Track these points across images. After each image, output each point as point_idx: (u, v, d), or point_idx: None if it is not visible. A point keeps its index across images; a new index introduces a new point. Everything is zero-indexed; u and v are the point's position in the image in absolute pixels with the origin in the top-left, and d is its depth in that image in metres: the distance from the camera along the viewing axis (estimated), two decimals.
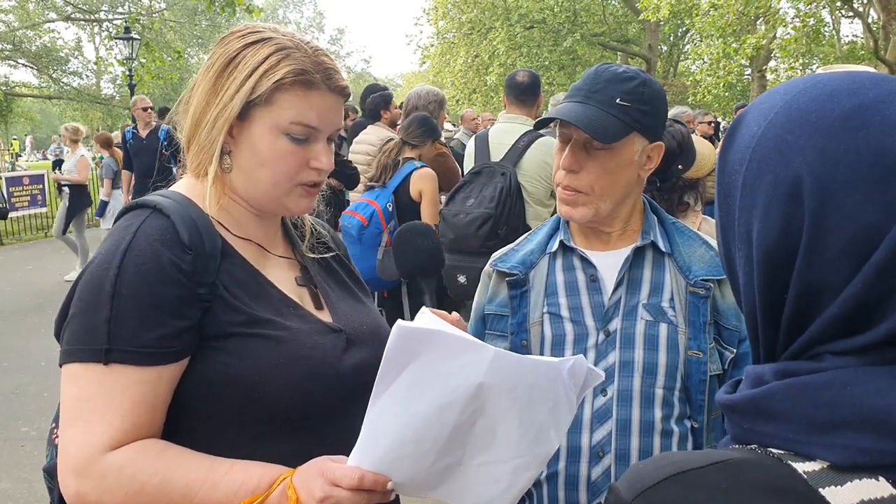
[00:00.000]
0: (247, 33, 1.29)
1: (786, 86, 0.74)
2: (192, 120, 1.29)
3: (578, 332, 1.61)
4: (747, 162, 0.72)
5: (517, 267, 1.70)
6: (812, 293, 0.67)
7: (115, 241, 1.20)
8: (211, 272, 1.22)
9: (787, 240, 0.67)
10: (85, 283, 1.18)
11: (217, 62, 1.27)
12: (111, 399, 1.14)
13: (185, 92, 1.35)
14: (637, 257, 1.63)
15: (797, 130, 0.68)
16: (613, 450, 1.55)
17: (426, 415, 1.07)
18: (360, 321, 1.41)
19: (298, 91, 1.25)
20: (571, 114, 1.54)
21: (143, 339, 1.15)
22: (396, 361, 1.06)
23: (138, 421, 1.16)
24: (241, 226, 1.33)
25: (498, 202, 3.72)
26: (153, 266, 1.17)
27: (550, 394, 1.11)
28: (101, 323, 1.14)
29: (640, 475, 0.68)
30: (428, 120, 4.44)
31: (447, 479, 1.14)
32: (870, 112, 0.66)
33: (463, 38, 27.54)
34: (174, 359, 1.18)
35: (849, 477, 0.62)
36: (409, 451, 1.09)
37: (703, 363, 1.56)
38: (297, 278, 1.40)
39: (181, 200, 1.27)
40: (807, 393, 0.65)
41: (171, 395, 1.20)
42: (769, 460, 0.65)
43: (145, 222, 1.21)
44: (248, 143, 1.27)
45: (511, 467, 1.14)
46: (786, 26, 18.45)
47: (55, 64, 28.22)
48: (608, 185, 1.58)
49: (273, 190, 1.29)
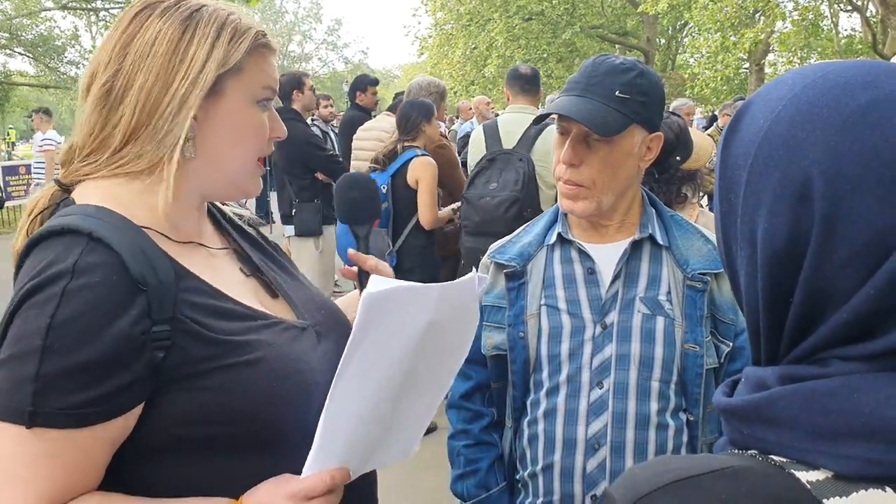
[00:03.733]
0: (172, 5, 1.15)
1: (794, 76, 0.70)
2: (141, 107, 1.11)
3: (575, 324, 1.61)
4: (752, 157, 0.67)
5: (515, 259, 1.70)
6: (819, 298, 0.64)
7: (48, 280, 1.00)
8: (167, 307, 1.06)
9: (794, 242, 0.64)
10: (16, 326, 1.00)
11: (160, 40, 1.12)
12: (38, 465, 0.99)
13: (79, 84, 1.18)
14: (635, 250, 1.63)
15: (807, 126, 0.64)
16: (609, 442, 1.56)
17: (383, 378, 1.08)
18: (316, 307, 1.32)
19: (261, 53, 1.19)
20: (571, 108, 1.53)
21: (74, 399, 0.99)
22: (364, 331, 1.03)
23: (68, 487, 1.02)
24: (178, 227, 1.17)
25: (522, 185, 3.82)
26: (93, 318, 0.99)
27: (464, 314, 1.15)
28: (26, 381, 0.97)
29: (636, 482, 0.65)
30: (411, 108, 4.41)
31: (381, 443, 1.16)
32: (886, 107, 0.62)
33: (461, 29, 27.45)
34: (113, 416, 1.03)
35: (854, 487, 0.59)
36: (363, 431, 1.10)
37: (699, 356, 1.57)
38: (242, 269, 1.29)
39: (112, 219, 1.08)
40: (813, 400, 0.62)
41: (110, 451, 1.06)
42: (771, 469, 0.63)
43: (82, 258, 1.01)
44: (220, 119, 1.15)
45: (427, 399, 1.17)
46: (784, 20, 18.42)
47: (52, 53, 28.08)
48: (609, 178, 1.57)
49: (241, 170, 1.20)
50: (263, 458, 1.14)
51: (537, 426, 1.63)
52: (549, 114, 1.62)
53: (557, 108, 1.56)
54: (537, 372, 1.64)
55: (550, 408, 1.61)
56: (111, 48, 1.14)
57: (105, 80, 1.13)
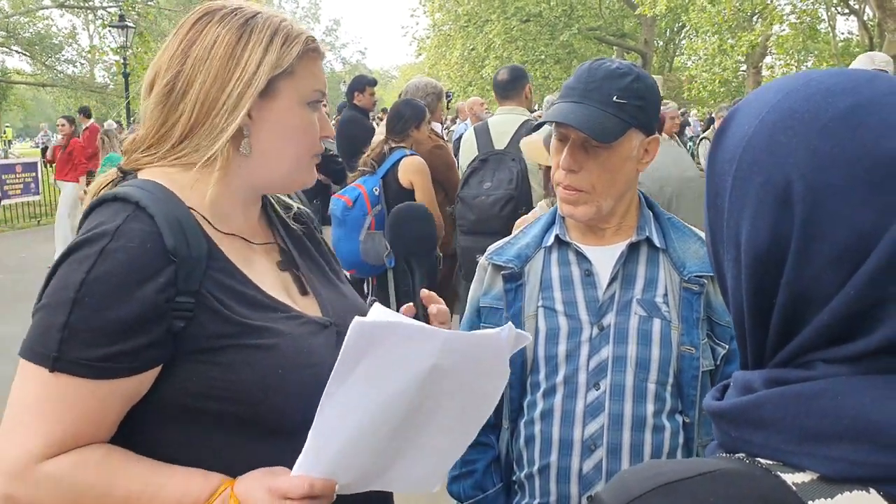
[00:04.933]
0: (233, 11, 1.23)
1: (778, 83, 0.71)
2: (199, 105, 1.20)
3: (572, 326, 1.62)
4: (737, 162, 0.69)
5: (513, 260, 1.70)
6: (801, 300, 0.65)
7: (92, 238, 1.10)
8: (195, 280, 1.14)
9: (776, 245, 0.65)
10: (56, 276, 1.11)
11: (219, 44, 1.20)
12: (53, 408, 1.08)
13: (143, 83, 1.27)
14: (632, 253, 1.64)
15: (789, 131, 0.65)
16: (605, 443, 1.56)
17: (380, 407, 1.07)
18: (344, 309, 1.36)
19: (311, 58, 1.26)
20: (569, 115, 1.54)
21: (94, 353, 1.07)
22: (354, 356, 1.05)
23: (78, 433, 1.10)
24: (226, 219, 1.26)
25: (517, 184, 3.86)
26: (123, 279, 1.08)
27: (489, 364, 1.13)
28: (56, 328, 1.07)
29: (625, 485, 0.66)
30: (405, 107, 4.39)
31: (388, 468, 1.15)
32: (866, 112, 0.63)
33: (459, 30, 27.49)
34: (128, 374, 1.10)
35: (839, 489, 0.60)
36: (359, 449, 1.10)
37: (695, 359, 1.57)
38: (279, 263, 1.35)
39: (161, 194, 1.17)
40: (798, 402, 0.63)
41: (124, 408, 1.14)
42: (758, 471, 0.63)
43: (126, 224, 1.11)
44: (273, 119, 1.23)
45: (448, 441, 1.16)
46: (782, 23, 18.47)
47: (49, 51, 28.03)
48: (609, 182, 1.58)
49: (295, 166, 1.27)
50: (265, 442, 1.19)
51: (534, 427, 1.63)
52: (549, 121, 1.62)
53: (556, 115, 1.56)
54: (534, 373, 1.65)
55: (547, 409, 1.61)
56: (172, 51, 1.23)
57: (167, 81, 1.22)
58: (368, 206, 4.12)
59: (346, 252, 4.13)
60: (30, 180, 13.96)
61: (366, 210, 4.12)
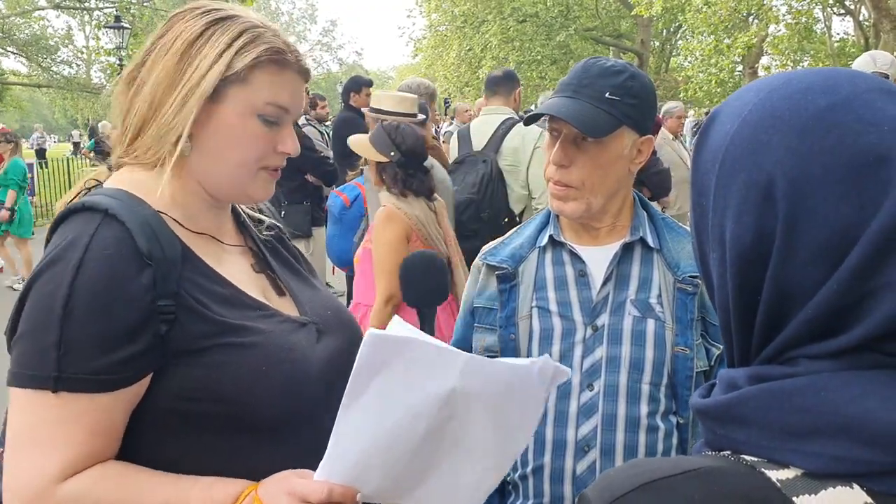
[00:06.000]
0: (209, 10, 1.21)
1: (759, 83, 0.73)
2: (148, 103, 1.18)
3: (566, 326, 1.61)
4: (720, 161, 0.70)
5: (506, 261, 1.70)
6: (786, 296, 0.66)
7: (65, 252, 1.09)
8: (172, 281, 1.13)
9: (759, 242, 0.66)
10: (34, 299, 1.09)
11: (179, 39, 1.18)
12: (63, 428, 1.07)
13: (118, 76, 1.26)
14: (626, 253, 1.64)
15: (770, 129, 0.66)
16: (599, 444, 1.56)
17: (398, 423, 1.06)
18: (322, 307, 1.36)
19: (274, 70, 1.21)
20: (561, 109, 1.54)
21: (94, 365, 1.06)
22: (368, 369, 1.03)
23: (92, 450, 1.09)
24: (194, 219, 1.24)
25: (480, 187, 3.86)
26: (107, 287, 1.07)
27: (520, 395, 1.10)
28: (50, 348, 1.05)
29: (610, 484, 0.67)
30: None
31: (416, 486, 1.13)
32: (844, 110, 0.64)
33: (455, 30, 27.51)
34: (129, 383, 1.10)
35: (823, 485, 0.61)
36: (379, 461, 1.08)
37: (689, 359, 1.57)
38: (253, 265, 1.34)
39: (129, 200, 1.16)
40: (781, 399, 0.63)
41: (127, 417, 1.13)
42: (742, 468, 0.64)
43: (98, 232, 1.10)
44: (216, 124, 1.19)
45: (480, 468, 1.14)
46: (778, 23, 18.50)
47: (45, 52, 27.96)
48: (599, 179, 1.58)
49: (238, 173, 1.23)
50: (255, 440, 1.18)
51: None
52: (540, 115, 1.61)
53: (547, 108, 1.56)
54: None
55: None
56: (147, 42, 1.23)
57: (131, 70, 1.22)
58: (367, 207, 4.11)
59: (339, 250, 4.12)
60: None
61: (363, 211, 4.11)
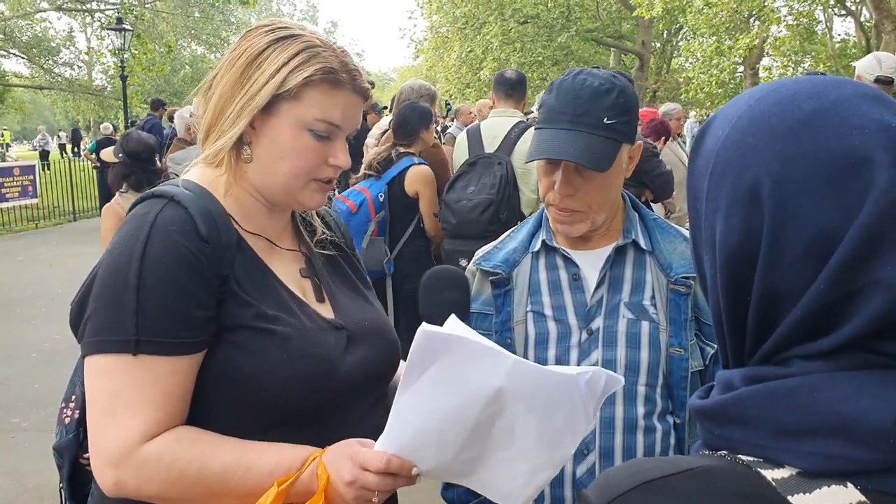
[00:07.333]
0: (275, 28, 1.29)
1: (752, 91, 0.75)
2: (214, 109, 1.29)
3: (561, 330, 1.63)
4: (712, 165, 0.72)
5: (500, 266, 1.71)
6: (774, 296, 0.67)
7: (133, 231, 1.20)
8: (226, 265, 1.23)
9: (747, 242, 0.68)
10: (106, 274, 1.19)
11: (244, 54, 1.27)
12: (143, 391, 1.15)
13: (202, 82, 1.36)
14: (618, 256, 1.65)
15: (758, 134, 0.69)
16: (598, 447, 1.57)
17: (449, 409, 1.12)
18: (361, 318, 1.41)
19: (326, 89, 1.27)
20: (569, 149, 1.51)
21: (170, 329, 1.16)
22: (420, 361, 1.10)
23: (171, 411, 1.18)
24: (251, 219, 1.33)
25: (498, 189, 3.85)
26: (174, 257, 1.17)
27: (566, 403, 1.14)
28: (128, 314, 1.14)
29: (609, 484, 0.68)
30: (411, 112, 4.30)
31: (470, 470, 1.19)
32: (829, 114, 0.66)
33: (457, 32, 27.48)
34: (199, 348, 1.19)
35: (817, 484, 0.61)
36: (433, 440, 1.14)
37: (684, 360, 1.58)
38: (301, 270, 1.41)
39: (196, 190, 1.27)
40: (776, 399, 0.65)
41: (193, 383, 1.21)
42: (738, 467, 0.65)
43: (162, 212, 1.21)
44: (270, 135, 1.28)
45: (529, 466, 1.18)
46: (779, 25, 18.48)
47: (46, 54, 27.99)
48: (604, 199, 1.60)
49: (290, 183, 1.30)
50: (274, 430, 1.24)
51: None
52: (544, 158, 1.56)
53: (551, 150, 1.53)
54: None
55: None
56: (225, 55, 1.32)
57: (210, 78, 1.33)
58: (372, 213, 4.09)
59: None
60: (27, 183, 13.96)
61: (369, 216, 4.09)
